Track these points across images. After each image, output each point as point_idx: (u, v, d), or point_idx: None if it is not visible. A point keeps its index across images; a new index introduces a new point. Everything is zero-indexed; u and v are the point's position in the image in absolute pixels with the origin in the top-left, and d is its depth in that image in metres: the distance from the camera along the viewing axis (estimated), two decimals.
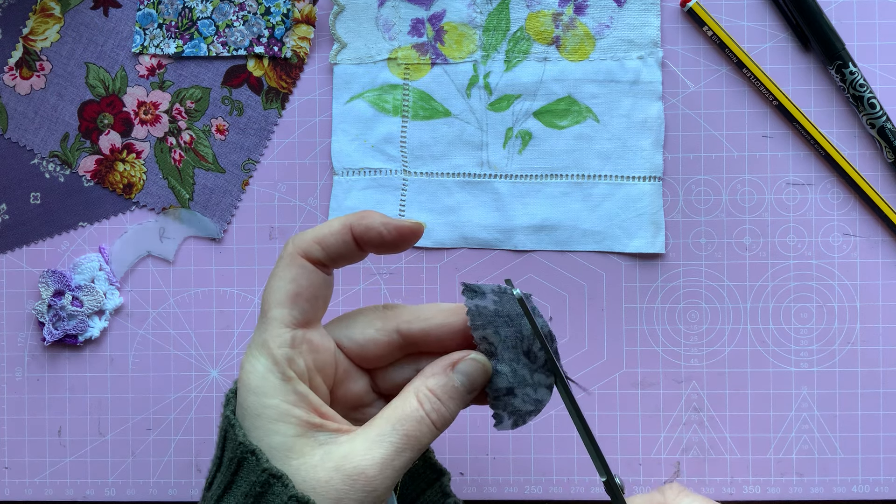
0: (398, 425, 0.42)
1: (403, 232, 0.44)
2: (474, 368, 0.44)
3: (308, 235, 0.45)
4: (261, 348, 0.43)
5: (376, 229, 0.44)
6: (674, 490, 0.51)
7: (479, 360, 0.44)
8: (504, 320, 0.44)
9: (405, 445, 0.42)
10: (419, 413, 0.43)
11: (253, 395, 0.43)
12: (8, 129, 0.62)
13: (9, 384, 0.62)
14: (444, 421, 0.43)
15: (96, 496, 0.61)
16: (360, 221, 0.44)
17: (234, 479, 0.42)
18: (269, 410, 0.42)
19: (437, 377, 0.44)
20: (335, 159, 0.61)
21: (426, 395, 0.43)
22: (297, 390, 0.43)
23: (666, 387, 0.60)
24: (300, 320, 0.44)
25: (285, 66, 0.61)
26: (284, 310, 0.44)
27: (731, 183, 0.60)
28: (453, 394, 0.43)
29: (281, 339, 0.43)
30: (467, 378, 0.44)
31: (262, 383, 0.43)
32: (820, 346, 0.59)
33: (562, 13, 0.60)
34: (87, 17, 0.62)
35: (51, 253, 0.62)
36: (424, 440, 0.43)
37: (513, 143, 0.60)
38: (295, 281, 0.44)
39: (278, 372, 0.43)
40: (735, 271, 0.60)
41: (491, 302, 0.44)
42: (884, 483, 0.59)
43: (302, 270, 0.44)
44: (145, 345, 0.61)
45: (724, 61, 0.60)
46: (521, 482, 0.60)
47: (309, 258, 0.44)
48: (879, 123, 0.58)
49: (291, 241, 0.45)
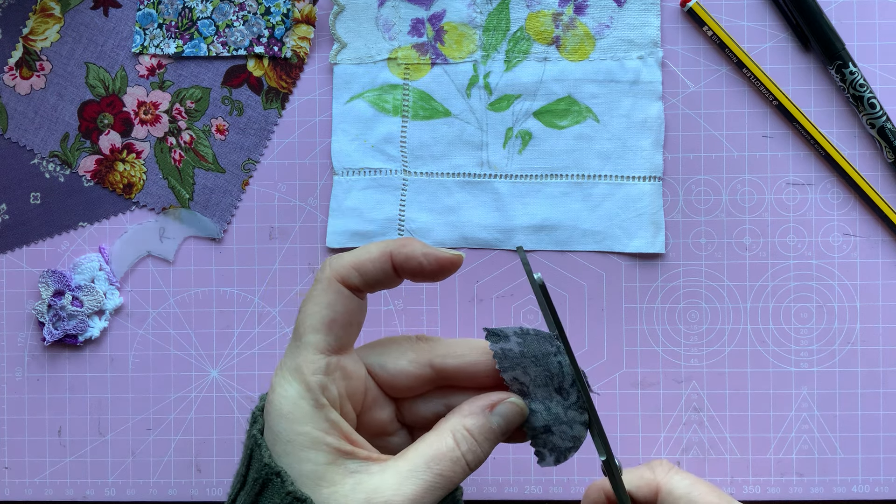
0: (433, 463, 0.42)
1: (443, 263, 0.44)
2: (512, 411, 0.44)
3: (346, 260, 0.44)
4: (294, 373, 0.43)
5: (416, 259, 0.44)
6: (664, 467, 0.50)
7: (517, 404, 0.44)
8: (531, 360, 0.44)
9: (437, 485, 0.42)
10: (455, 453, 0.42)
11: (285, 421, 0.42)
12: (8, 129, 0.62)
13: (9, 384, 0.62)
14: (478, 462, 0.43)
15: (96, 496, 0.61)
16: (400, 250, 0.44)
17: (257, 499, 0.42)
18: (300, 437, 0.42)
19: (475, 417, 0.43)
20: (335, 159, 0.61)
21: (463, 436, 0.43)
22: (330, 418, 0.42)
23: (666, 387, 0.60)
24: (335, 346, 0.44)
25: (285, 66, 0.61)
26: (320, 335, 0.43)
27: (731, 183, 0.60)
28: (489, 435, 0.43)
29: (315, 365, 0.43)
30: (505, 420, 0.43)
31: (294, 409, 0.42)
32: (820, 346, 0.59)
33: (562, 13, 0.60)
34: (87, 17, 0.62)
35: (51, 253, 0.62)
36: (457, 480, 0.43)
37: (513, 143, 0.60)
38: (331, 307, 0.43)
39: (311, 399, 0.42)
40: (735, 271, 0.60)
41: (515, 344, 0.44)
42: (884, 483, 0.59)
43: (338, 296, 0.43)
44: (145, 345, 0.61)
45: (724, 61, 0.60)
46: (521, 482, 0.60)
47: (346, 283, 0.44)
48: (879, 123, 0.58)
49: (329, 265, 0.44)
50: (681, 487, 0.49)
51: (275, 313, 0.61)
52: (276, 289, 0.61)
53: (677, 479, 0.49)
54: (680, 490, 0.49)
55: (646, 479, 0.50)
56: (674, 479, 0.49)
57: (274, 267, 0.61)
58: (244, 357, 0.61)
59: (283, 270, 0.61)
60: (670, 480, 0.49)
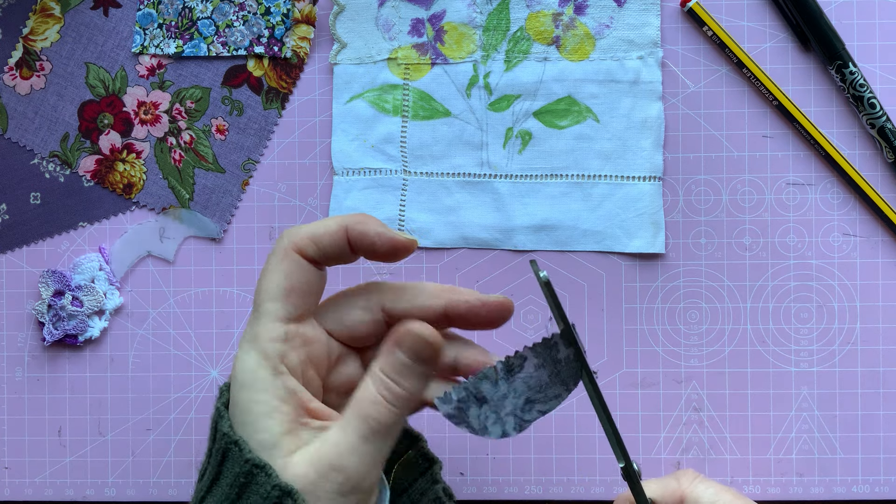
0: (357, 410, 0.42)
1: (396, 245, 0.44)
2: (414, 341, 0.43)
3: (303, 231, 0.44)
4: (252, 343, 0.43)
5: (370, 237, 0.44)
6: (688, 476, 0.51)
7: (417, 331, 0.43)
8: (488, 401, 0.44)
9: (367, 430, 0.42)
10: (373, 394, 0.42)
11: (244, 391, 0.43)
12: (8, 129, 0.62)
13: (9, 384, 0.62)
14: (400, 400, 0.43)
15: (96, 496, 0.61)
16: (355, 226, 0.44)
17: (220, 469, 0.42)
18: (258, 406, 0.42)
19: (384, 356, 0.43)
20: (335, 159, 0.61)
21: (377, 377, 0.43)
22: (287, 385, 0.43)
23: (666, 387, 0.60)
24: (293, 315, 0.44)
25: (285, 66, 0.61)
26: (277, 304, 0.43)
27: (731, 183, 0.60)
28: (403, 370, 0.43)
29: (273, 333, 0.43)
30: (411, 351, 0.43)
31: (252, 378, 0.43)
32: (820, 346, 0.59)
33: (562, 13, 0.60)
34: (87, 17, 0.62)
35: (51, 253, 0.62)
36: (385, 421, 0.42)
37: (513, 143, 0.60)
38: (288, 276, 0.43)
39: (269, 367, 0.43)
40: (735, 271, 0.60)
41: (462, 403, 0.43)
42: (884, 483, 0.59)
43: (296, 265, 0.44)
44: (145, 345, 0.61)
45: (724, 61, 0.60)
46: (521, 482, 0.60)
47: (303, 254, 0.44)
48: (879, 123, 0.58)
49: (286, 235, 0.44)
50: (706, 496, 0.50)
51: None
52: None
53: (702, 487, 0.50)
54: (705, 498, 0.50)
55: (671, 488, 0.50)
56: (698, 487, 0.50)
57: None
58: None
59: None
60: (695, 489, 0.50)
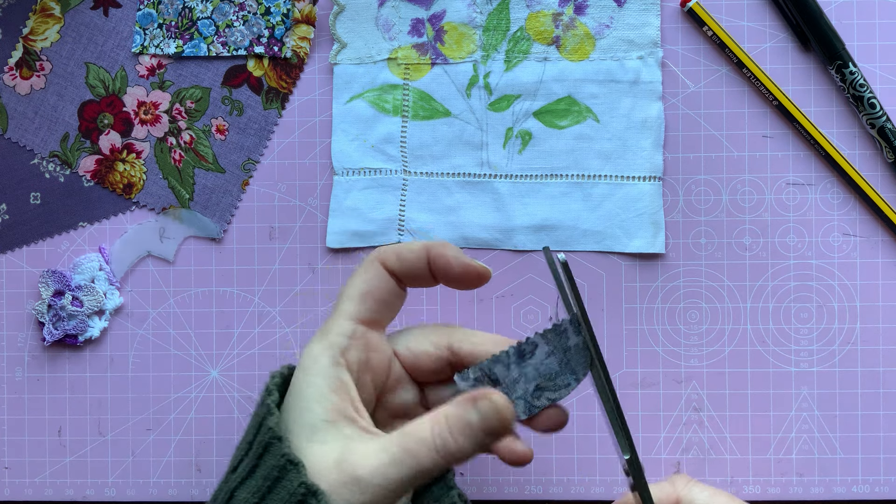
0: (403, 438, 0.43)
1: (469, 270, 0.47)
2: (490, 409, 0.44)
3: (390, 247, 0.48)
4: (322, 333, 0.46)
5: (447, 258, 0.47)
6: (682, 480, 0.52)
7: (497, 402, 0.44)
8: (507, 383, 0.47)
9: (402, 460, 0.43)
10: (425, 434, 0.43)
11: (301, 372, 0.45)
12: (8, 129, 0.62)
13: (9, 384, 0.62)
14: (449, 452, 0.43)
15: (96, 496, 0.61)
16: (436, 247, 0.47)
17: (258, 462, 0.43)
18: (310, 389, 0.44)
19: (455, 406, 0.44)
20: (335, 159, 0.61)
21: (438, 421, 0.44)
22: (341, 378, 0.45)
23: (666, 387, 0.60)
24: (366, 318, 0.47)
25: (285, 66, 0.61)
26: (352, 303, 0.47)
27: (731, 183, 0.60)
28: (464, 428, 0.43)
29: (341, 328, 0.46)
30: (482, 416, 0.44)
31: (313, 363, 0.45)
32: (820, 346, 0.59)
33: (562, 13, 0.60)
34: (87, 17, 0.62)
35: (51, 253, 0.62)
36: (425, 462, 0.43)
37: (513, 143, 0.60)
38: (367, 281, 0.47)
39: (329, 356, 0.45)
40: (735, 271, 0.60)
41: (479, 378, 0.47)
42: (884, 483, 0.59)
43: (376, 273, 0.47)
44: (145, 345, 0.61)
45: (724, 61, 0.60)
46: (521, 482, 0.60)
47: (385, 265, 0.47)
48: (879, 123, 0.58)
49: (375, 250, 0.48)
50: (700, 499, 0.51)
51: (275, 313, 0.61)
52: (275, 289, 0.61)
53: (696, 490, 0.51)
54: (700, 501, 0.50)
55: (665, 492, 0.51)
56: (693, 490, 0.51)
57: (274, 267, 0.61)
58: (244, 357, 0.61)
59: (283, 270, 0.61)
60: (690, 493, 0.51)
